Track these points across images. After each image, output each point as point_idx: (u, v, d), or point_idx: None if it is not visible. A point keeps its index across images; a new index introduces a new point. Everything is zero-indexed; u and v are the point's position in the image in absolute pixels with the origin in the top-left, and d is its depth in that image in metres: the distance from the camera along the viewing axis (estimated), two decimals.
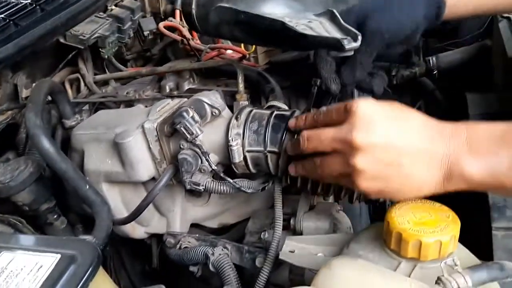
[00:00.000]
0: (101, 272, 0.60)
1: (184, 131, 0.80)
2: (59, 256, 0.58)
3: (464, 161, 0.61)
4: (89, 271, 0.56)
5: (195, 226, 1.15)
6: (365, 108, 0.64)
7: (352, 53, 0.83)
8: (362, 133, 0.62)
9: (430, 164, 0.62)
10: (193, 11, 0.97)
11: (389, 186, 0.64)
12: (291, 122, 0.79)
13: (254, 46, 1.35)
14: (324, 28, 0.80)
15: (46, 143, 0.81)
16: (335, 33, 0.78)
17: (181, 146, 0.85)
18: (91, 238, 0.62)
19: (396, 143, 0.62)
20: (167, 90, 1.21)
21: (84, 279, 0.55)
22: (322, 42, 0.80)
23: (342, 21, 0.81)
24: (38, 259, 0.58)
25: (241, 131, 0.83)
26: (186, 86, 1.21)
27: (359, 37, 0.79)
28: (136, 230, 1.05)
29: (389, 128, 0.63)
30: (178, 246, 1.01)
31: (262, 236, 0.95)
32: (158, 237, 1.15)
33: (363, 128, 0.62)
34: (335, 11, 0.85)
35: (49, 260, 0.58)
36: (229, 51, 1.29)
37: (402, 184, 0.64)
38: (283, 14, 0.89)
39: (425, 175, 0.63)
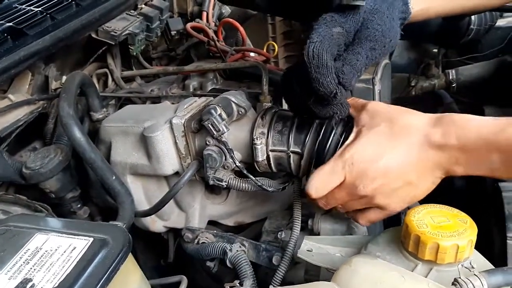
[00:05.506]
0: (130, 257, 0.62)
1: (211, 128, 0.83)
2: (91, 239, 0.60)
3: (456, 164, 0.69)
4: (120, 255, 0.58)
5: (211, 223, 1.17)
6: (356, 160, 0.72)
7: (363, 3, 0.71)
8: (364, 184, 0.72)
9: (427, 172, 0.71)
10: None
11: (409, 198, 0.75)
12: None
13: (276, 50, 1.37)
14: None
15: (78, 133, 0.83)
16: None
17: (207, 143, 0.87)
18: (121, 224, 0.64)
19: (394, 172, 0.71)
20: (191, 90, 1.24)
21: (115, 262, 0.57)
22: None
23: None
24: (72, 241, 0.60)
25: (265, 131, 0.86)
26: (210, 86, 1.24)
27: None
28: (155, 223, 1.07)
29: (381, 166, 0.71)
30: (196, 241, 1.04)
31: (278, 235, 0.97)
32: (175, 232, 1.18)
33: (362, 180, 0.72)
34: None
35: (82, 243, 0.60)
36: (252, 54, 1.31)
37: (416, 193, 0.74)
38: None
39: (429, 180, 0.73)
